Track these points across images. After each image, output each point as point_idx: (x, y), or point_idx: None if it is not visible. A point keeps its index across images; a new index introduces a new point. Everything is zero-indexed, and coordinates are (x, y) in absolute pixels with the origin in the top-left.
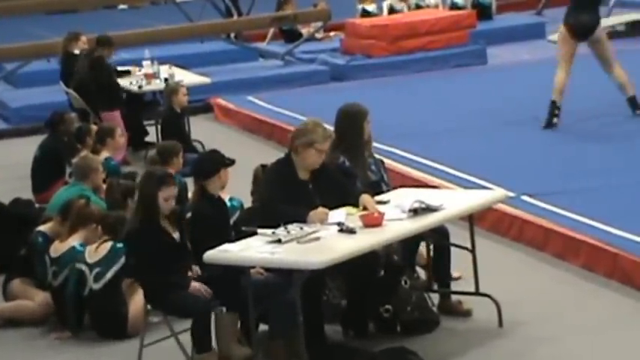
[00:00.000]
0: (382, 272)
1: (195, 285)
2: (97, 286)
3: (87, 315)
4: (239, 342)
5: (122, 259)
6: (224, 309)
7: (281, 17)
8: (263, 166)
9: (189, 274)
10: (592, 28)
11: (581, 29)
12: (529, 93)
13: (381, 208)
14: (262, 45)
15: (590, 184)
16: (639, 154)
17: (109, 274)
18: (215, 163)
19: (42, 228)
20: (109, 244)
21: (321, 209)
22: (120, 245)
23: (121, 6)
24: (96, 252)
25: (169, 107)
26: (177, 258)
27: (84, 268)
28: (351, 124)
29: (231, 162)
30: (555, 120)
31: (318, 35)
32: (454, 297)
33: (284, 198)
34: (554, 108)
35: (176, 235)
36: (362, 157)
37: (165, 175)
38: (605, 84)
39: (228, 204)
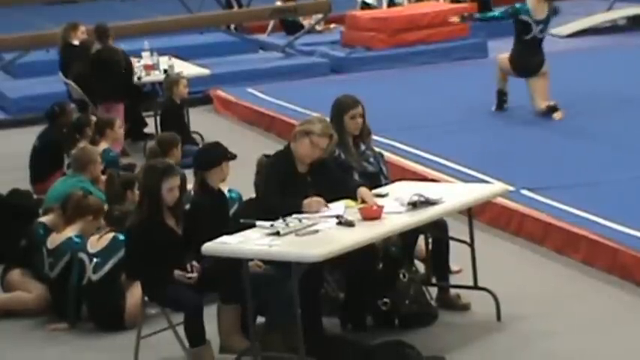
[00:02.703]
0: (380, 265)
1: (176, 272)
2: (95, 278)
3: (84, 306)
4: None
5: (122, 252)
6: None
7: (281, 9)
8: (267, 156)
9: (189, 269)
10: None
11: None
12: None
13: (380, 201)
14: (262, 37)
15: (590, 178)
16: (639, 148)
17: (108, 266)
18: (217, 155)
19: (43, 219)
20: (112, 235)
21: (316, 197)
22: (122, 238)
23: None
24: (98, 242)
25: (169, 98)
26: (179, 253)
27: (85, 257)
28: (334, 116)
29: (233, 156)
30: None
31: (319, 27)
32: (453, 291)
33: (282, 191)
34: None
35: (179, 231)
36: (350, 147)
37: (167, 166)
38: (607, 80)
39: (227, 196)
